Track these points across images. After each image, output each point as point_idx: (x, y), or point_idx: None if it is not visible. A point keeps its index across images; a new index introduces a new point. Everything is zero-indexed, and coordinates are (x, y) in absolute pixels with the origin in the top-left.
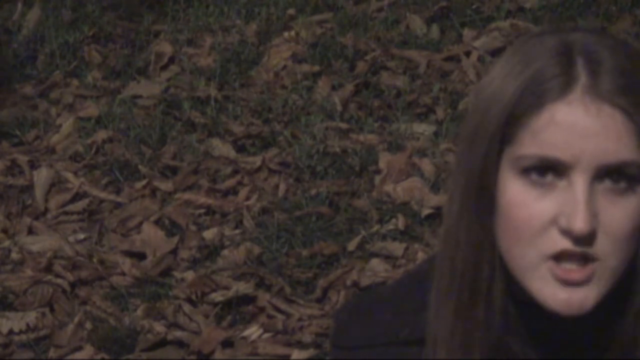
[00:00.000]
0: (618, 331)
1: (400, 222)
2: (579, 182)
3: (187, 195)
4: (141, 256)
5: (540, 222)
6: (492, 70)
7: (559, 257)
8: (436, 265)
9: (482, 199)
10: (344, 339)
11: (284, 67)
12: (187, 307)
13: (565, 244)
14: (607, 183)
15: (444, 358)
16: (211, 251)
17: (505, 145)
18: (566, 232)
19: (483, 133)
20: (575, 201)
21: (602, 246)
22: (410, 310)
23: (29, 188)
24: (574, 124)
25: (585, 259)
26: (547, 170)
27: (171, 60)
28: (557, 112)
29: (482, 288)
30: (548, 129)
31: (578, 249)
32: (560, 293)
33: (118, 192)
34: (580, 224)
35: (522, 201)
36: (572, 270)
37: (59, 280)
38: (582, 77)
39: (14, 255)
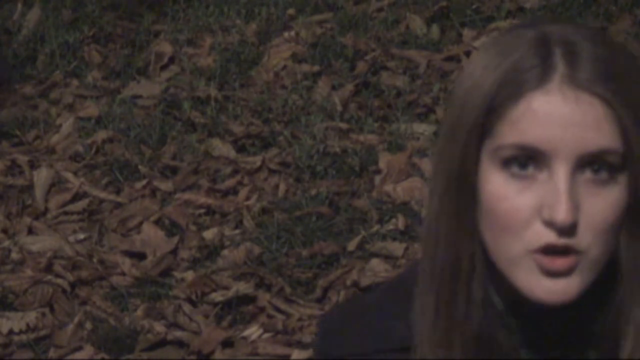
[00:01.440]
0: (601, 323)
1: (400, 222)
2: (560, 172)
3: (187, 195)
4: (141, 256)
5: (523, 215)
6: (470, 64)
7: (544, 250)
8: (419, 265)
9: (462, 193)
10: (328, 347)
11: (284, 67)
12: (187, 307)
13: (549, 237)
14: (588, 174)
15: (427, 356)
16: (211, 251)
17: (484, 139)
18: (549, 224)
19: (462, 127)
20: (556, 192)
21: (585, 238)
22: (397, 317)
23: (29, 188)
24: (552, 113)
25: (568, 252)
26: (528, 162)
27: (171, 60)
28: (535, 101)
29: (462, 283)
30: (526, 118)
31: (561, 242)
32: (545, 282)
33: (118, 192)
34: (562, 215)
35: (504, 195)
36: (556, 259)
37: (59, 280)
38: (560, 67)
39: (14, 255)
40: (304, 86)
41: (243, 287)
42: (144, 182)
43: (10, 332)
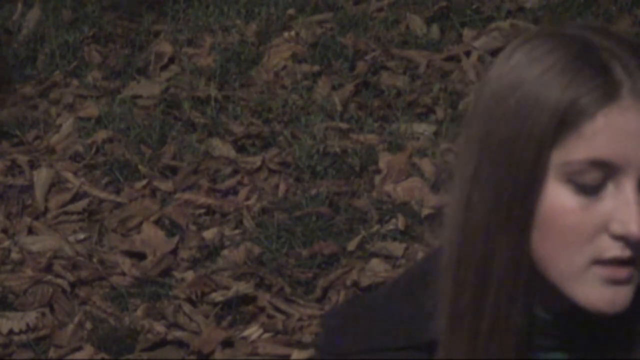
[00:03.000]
0: (632, 324)
1: (400, 222)
2: (630, 185)
3: (187, 195)
4: (141, 256)
5: (590, 229)
6: (514, 70)
7: (609, 262)
8: (447, 275)
9: (526, 207)
10: (332, 345)
11: (284, 67)
12: (187, 307)
13: (616, 250)
14: None
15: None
16: (211, 251)
17: (551, 151)
18: (620, 238)
19: (527, 140)
20: (628, 206)
21: None
22: (402, 315)
23: (29, 188)
24: (628, 127)
25: (628, 262)
26: (595, 176)
27: (171, 60)
28: (612, 116)
29: (521, 296)
30: (602, 134)
31: (627, 254)
32: (606, 293)
33: (118, 192)
34: (637, 229)
35: (571, 208)
36: (618, 269)
37: (59, 280)
38: (626, 81)
39: (14, 255)
40: (304, 86)
41: (243, 287)
42: (144, 182)
43: (10, 332)
